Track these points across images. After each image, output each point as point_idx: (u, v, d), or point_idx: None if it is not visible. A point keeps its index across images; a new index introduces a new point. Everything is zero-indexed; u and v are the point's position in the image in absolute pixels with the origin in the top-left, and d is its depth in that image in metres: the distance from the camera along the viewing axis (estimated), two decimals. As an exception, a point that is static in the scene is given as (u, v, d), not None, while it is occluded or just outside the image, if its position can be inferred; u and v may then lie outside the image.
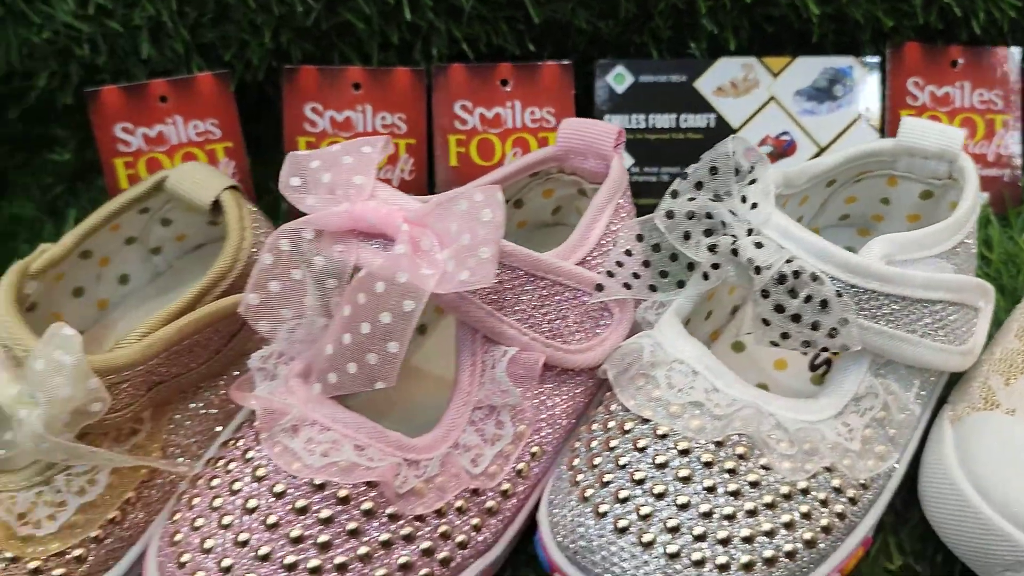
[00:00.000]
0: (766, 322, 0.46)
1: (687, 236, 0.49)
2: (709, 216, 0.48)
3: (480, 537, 0.48)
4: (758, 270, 0.46)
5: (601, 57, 0.67)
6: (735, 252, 0.47)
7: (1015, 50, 0.68)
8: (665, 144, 0.66)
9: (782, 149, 0.67)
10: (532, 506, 0.51)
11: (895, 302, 0.47)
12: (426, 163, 0.68)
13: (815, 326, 0.46)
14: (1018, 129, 0.68)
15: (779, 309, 0.46)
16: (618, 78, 0.67)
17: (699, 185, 0.49)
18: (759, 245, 0.46)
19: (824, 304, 0.45)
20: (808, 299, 0.45)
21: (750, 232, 0.47)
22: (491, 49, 0.67)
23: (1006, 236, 0.64)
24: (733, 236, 0.47)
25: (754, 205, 0.48)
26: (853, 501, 0.47)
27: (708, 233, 0.48)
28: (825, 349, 0.47)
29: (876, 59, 0.67)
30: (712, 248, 0.48)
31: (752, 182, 0.49)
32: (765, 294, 0.46)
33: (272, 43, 0.65)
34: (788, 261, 0.46)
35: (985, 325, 0.52)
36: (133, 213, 0.56)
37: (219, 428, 0.53)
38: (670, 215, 0.49)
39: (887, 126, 0.67)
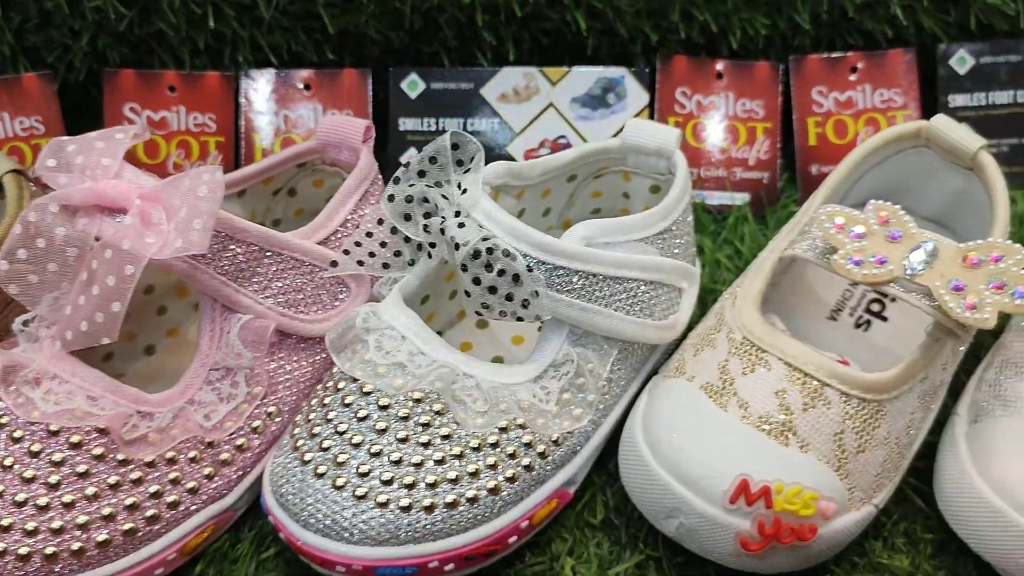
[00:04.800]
0: (468, 294, 0.52)
1: (407, 217, 0.53)
2: (426, 200, 0.53)
3: (213, 485, 0.52)
4: (457, 246, 0.51)
5: (398, 65, 0.73)
6: (443, 231, 0.52)
7: (776, 65, 0.72)
8: (453, 146, 0.71)
9: (559, 151, 0.71)
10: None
11: (584, 277, 0.52)
12: (233, 160, 0.73)
13: (509, 297, 0.51)
14: (776, 136, 0.73)
15: (476, 281, 0.50)
16: (412, 84, 0.72)
17: (421, 173, 0.54)
18: (461, 225, 0.51)
19: (516, 278, 0.50)
20: (502, 272, 0.50)
21: (458, 214, 0.52)
22: (292, 56, 0.72)
23: (760, 233, 0.70)
24: (443, 217, 0.53)
25: (464, 191, 0.53)
26: (543, 455, 0.51)
27: (427, 216, 0.53)
28: (521, 319, 0.52)
29: (646, 70, 0.72)
30: (426, 228, 0.53)
31: (467, 171, 0.54)
32: (464, 268, 0.51)
33: (90, 47, 0.70)
34: (484, 239, 0.51)
35: (689, 304, 0.58)
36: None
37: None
38: (391, 198, 0.54)
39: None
